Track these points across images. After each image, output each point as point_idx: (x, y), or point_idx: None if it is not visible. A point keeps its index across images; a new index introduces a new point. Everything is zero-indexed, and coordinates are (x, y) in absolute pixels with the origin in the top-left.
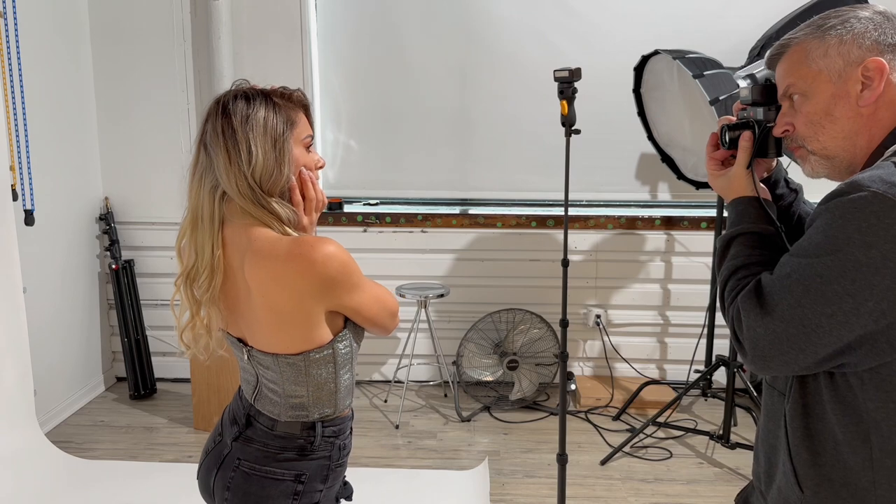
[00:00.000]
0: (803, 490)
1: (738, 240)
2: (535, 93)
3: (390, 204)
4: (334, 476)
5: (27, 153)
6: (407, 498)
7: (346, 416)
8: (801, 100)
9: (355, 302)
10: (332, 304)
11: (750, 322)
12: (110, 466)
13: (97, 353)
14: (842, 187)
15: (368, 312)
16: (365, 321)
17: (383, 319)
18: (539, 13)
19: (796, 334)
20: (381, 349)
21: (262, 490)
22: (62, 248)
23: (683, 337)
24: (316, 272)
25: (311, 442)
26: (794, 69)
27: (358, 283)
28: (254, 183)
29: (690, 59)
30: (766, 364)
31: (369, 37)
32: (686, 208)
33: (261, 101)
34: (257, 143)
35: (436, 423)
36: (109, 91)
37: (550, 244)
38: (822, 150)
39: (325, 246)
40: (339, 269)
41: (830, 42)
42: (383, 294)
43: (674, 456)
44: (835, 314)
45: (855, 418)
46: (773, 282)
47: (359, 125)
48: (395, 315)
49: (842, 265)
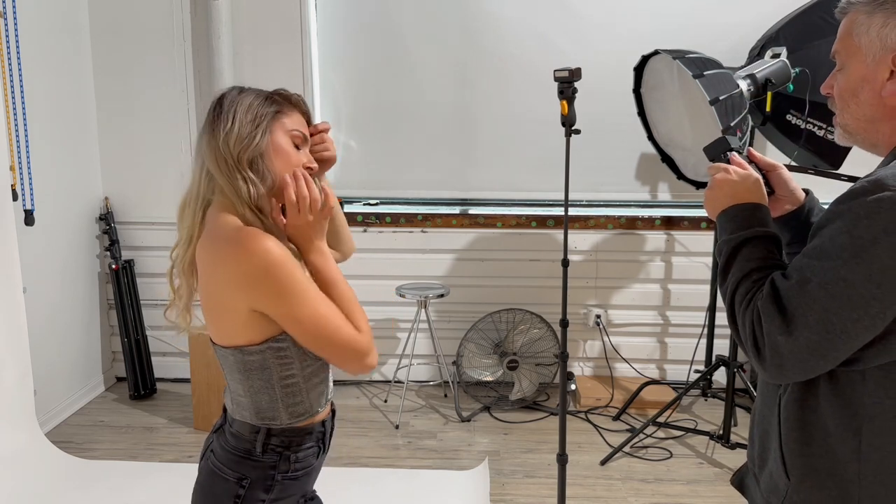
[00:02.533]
0: (790, 478)
1: (752, 242)
2: (535, 93)
3: (390, 204)
4: (282, 488)
5: (27, 153)
6: (407, 498)
7: (303, 429)
8: (841, 70)
9: (282, 312)
10: (254, 302)
11: (771, 328)
12: (110, 466)
13: (97, 353)
14: (863, 186)
15: (301, 332)
16: (302, 340)
17: (329, 350)
18: (539, 13)
19: (819, 341)
20: (381, 349)
21: (211, 485)
22: (62, 248)
23: (683, 337)
24: (242, 262)
25: (254, 447)
26: (842, 37)
27: (288, 292)
28: (226, 149)
29: (690, 59)
30: (782, 373)
31: (369, 37)
32: (686, 208)
33: (256, 93)
34: (238, 114)
35: (436, 423)
36: (109, 91)
37: (550, 244)
38: (845, 126)
39: (263, 240)
40: (265, 267)
41: (875, 20)
42: (336, 323)
43: (674, 456)
44: (861, 319)
45: (850, 411)
46: (793, 286)
47: (359, 125)
48: (354, 352)
49: (867, 268)
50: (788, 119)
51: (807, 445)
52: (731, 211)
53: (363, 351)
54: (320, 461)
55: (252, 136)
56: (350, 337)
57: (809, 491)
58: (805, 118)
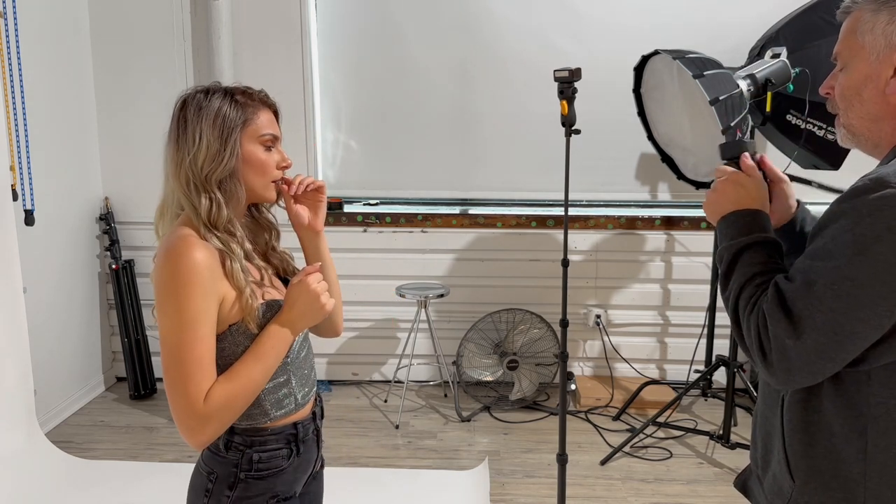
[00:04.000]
0: (794, 479)
1: (753, 247)
2: (534, 93)
3: (390, 204)
4: (245, 487)
5: (27, 153)
6: (407, 498)
7: (265, 429)
8: (843, 69)
9: (162, 327)
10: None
11: (778, 332)
12: (110, 466)
13: (97, 353)
14: (866, 184)
15: (162, 353)
16: (161, 360)
17: (168, 388)
18: (539, 13)
19: (828, 343)
20: (382, 349)
21: (193, 480)
22: (62, 248)
23: (683, 337)
24: (160, 268)
25: (220, 443)
26: (845, 37)
27: (176, 314)
28: (191, 168)
29: (690, 59)
30: (790, 377)
31: (369, 37)
32: (686, 208)
33: (219, 95)
34: (204, 131)
35: (436, 423)
36: (109, 91)
37: (550, 244)
38: (849, 126)
39: (189, 252)
40: (172, 280)
41: (881, 18)
42: (191, 374)
43: (674, 456)
44: (869, 318)
45: (855, 412)
46: (798, 288)
47: (359, 125)
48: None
49: (872, 266)
50: (788, 119)
51: (811, 447)
52: (731, 217)
53: (188, 420)
54: (296, 463)
55: (221, 157)
56: (188, 396)
57: (814, 492)
58: (805, 118)
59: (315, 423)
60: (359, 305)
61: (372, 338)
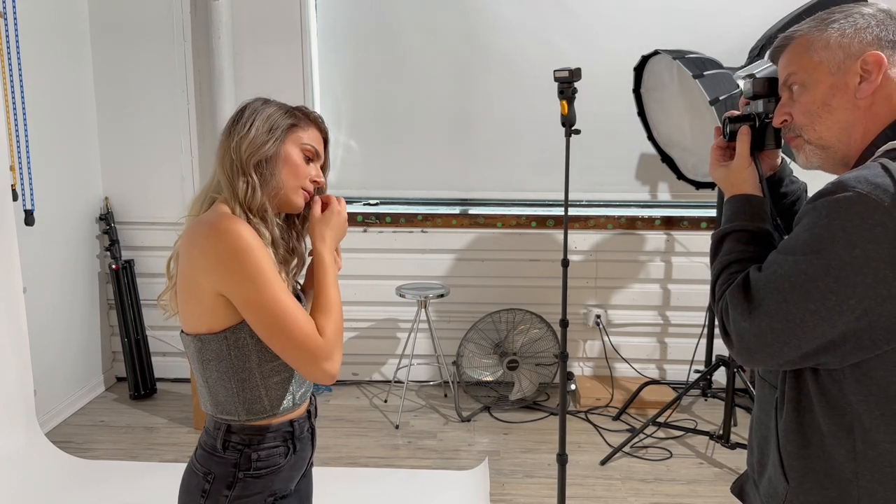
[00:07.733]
0: (789, 481)
1: (731, 236)
2: (535, 93)
3: (390, 204)
4: (244, 486)
5: (27, 153)
6: (407, 498)
7: (263, 427)
8: (801, 90)
9: (244, 295)
10: (219, 284)
11: (736, 315)
12: (110, 466)
13: (97, 353)
14: (828, 187)
15: (258, 318)
16: (258, 329)
17: (283, 343)
18: (539, 13)
19: (780, 329)
20: (381, 349)
21: (188, 481)
22: (62, 248)
23: (683, 337)
24: (213, 242)
25: (217, 443)
26: (796, 59)
27: (252, 274)
28: (237, 152)
29: (690, 59)
30: (750, 356)
31: (369, 37)
32: (686, 208)
33: (278, 105)
34: (255, 123)
35: (436, 423)
36: (109, 91)
37: (550, 244)
38: (818, 140)
39: (236, 224)
40: (234, 248)
41: (832, 35)
42: (296, 317)
43: (674, 456)
44: (818, 310)
45: (839, 411)
46: (761, 278)
47: (359, 125)
48: (308, 352)
49: (826, 263)
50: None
51: (804, 447)
52: (730, 201)
53: (318, 352)
54: (292, 461)
55: (264, 143)
56: (307, 334)
57: (809, 492)
58: None
59: (310, 421)
60: (359, 305)
61: (372, 338)
